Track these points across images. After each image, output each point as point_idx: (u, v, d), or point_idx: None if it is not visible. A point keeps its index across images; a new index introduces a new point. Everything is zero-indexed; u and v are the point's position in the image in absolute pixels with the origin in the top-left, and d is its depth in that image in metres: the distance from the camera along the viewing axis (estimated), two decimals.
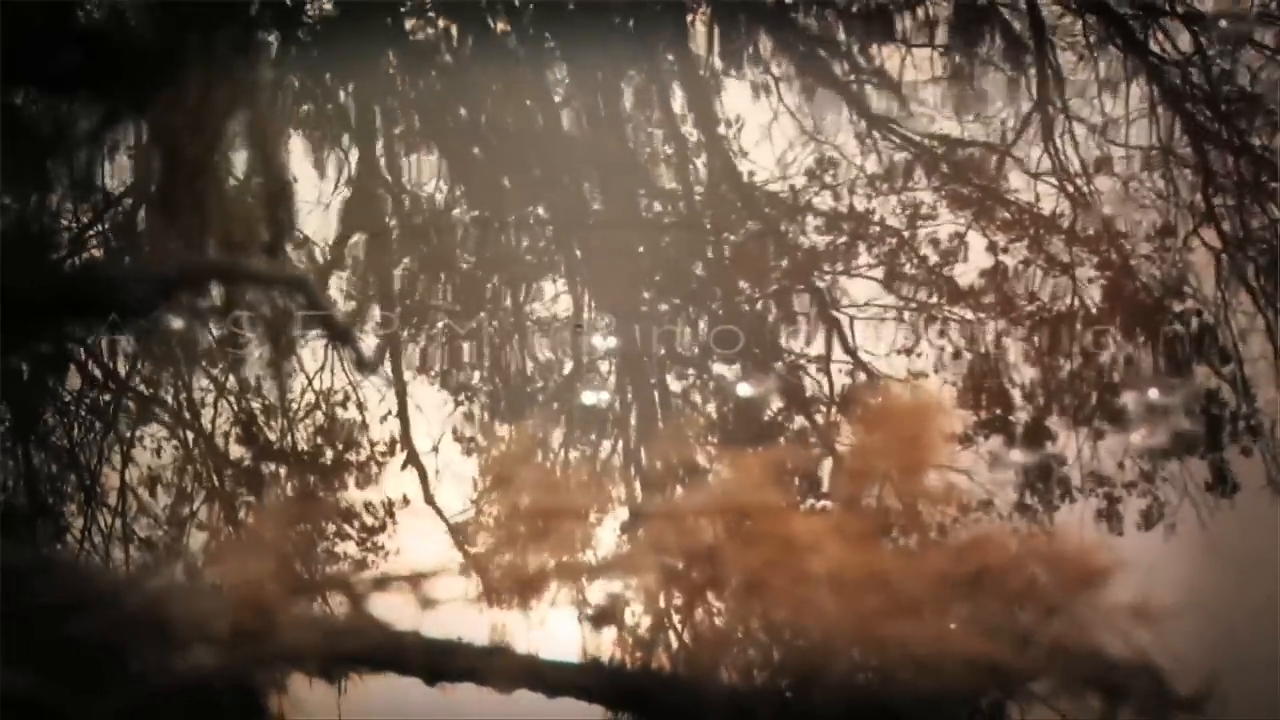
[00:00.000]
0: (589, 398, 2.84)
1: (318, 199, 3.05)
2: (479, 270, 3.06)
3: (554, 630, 2.14)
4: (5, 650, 1.83)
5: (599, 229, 3.13)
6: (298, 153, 3.14)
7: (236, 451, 2.75)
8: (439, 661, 1.95)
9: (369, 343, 2.86)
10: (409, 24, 3.34)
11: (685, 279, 3.02)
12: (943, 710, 2.01)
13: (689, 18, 3.40)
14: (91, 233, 2.94)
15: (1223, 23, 3.28)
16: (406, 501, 2.66)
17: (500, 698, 1.97)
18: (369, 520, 2.66)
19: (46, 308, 2.30)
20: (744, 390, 2.80)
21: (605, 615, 2.15)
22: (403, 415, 2.79)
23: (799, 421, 2.78)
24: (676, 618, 2.18)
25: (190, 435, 2.77)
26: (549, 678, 1.97)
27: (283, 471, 2.72)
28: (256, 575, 2.05)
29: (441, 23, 3.35)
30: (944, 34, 3.40)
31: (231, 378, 2.76)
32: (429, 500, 2.65)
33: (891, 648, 1.93)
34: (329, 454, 2.74)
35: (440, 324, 2.93)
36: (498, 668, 1.94)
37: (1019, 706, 2.06)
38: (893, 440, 2.28)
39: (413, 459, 2.73)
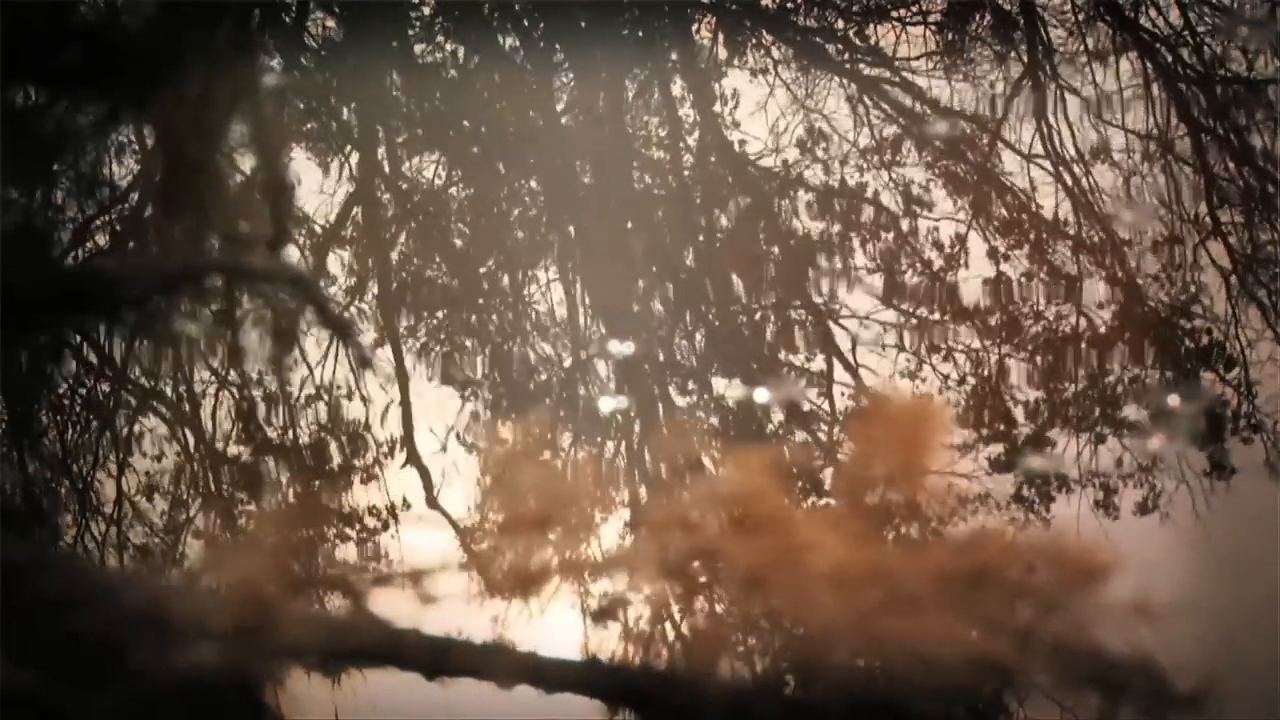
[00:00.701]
0: (587, 396, 2.84)
1: (319, 190, 3.06)
2: (478, 266, 3.07)
3: (554, 627, 2.14)
4: (5, 647, 1.83)
5: (593, 218, 3.13)
6: (298, 153, 3.15)
7: (237, 449, 2.75)
8: (439, 658, 1.95)
9: (368, 338, 2.87)
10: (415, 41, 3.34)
11: (680, 281, 3.02)
12: (944, 707, 2.01)
13: (694, 27, 3.40)
14: (94, 229, 2.94)
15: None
16: (408, 505, 2.67)
17: (500, 695, 1.97)
18: (371, 522, 2.66)
19: (48, 304, 2.30)
20: (742, 395, 2.81)
21: (606, 612, 2.15)
22: (405, 409, 2.79)
23: (801, 423, 2.78)
24: (677, 615, 2.19)
25: (190, 432, 2.77)
26: (549, 674, 1.96)
27: (285, 469, 2.72)
28: (257, 572, 2.05)
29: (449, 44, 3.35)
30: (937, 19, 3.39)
31: (233, 373, 2.76)
32: (431, 504, 2.66)
33: (892, 645, 1.93)
34: (331, 450, 2.75)
35: (440, 316, 2.94)
36: (498, 664, 1.94)
37: (1019, 703, 2.06)
38: (892, 439, 2.28)
39: (413, 459, 2.74)
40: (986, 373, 2.85)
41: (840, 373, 2.89)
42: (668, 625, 2.19)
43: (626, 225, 3.12)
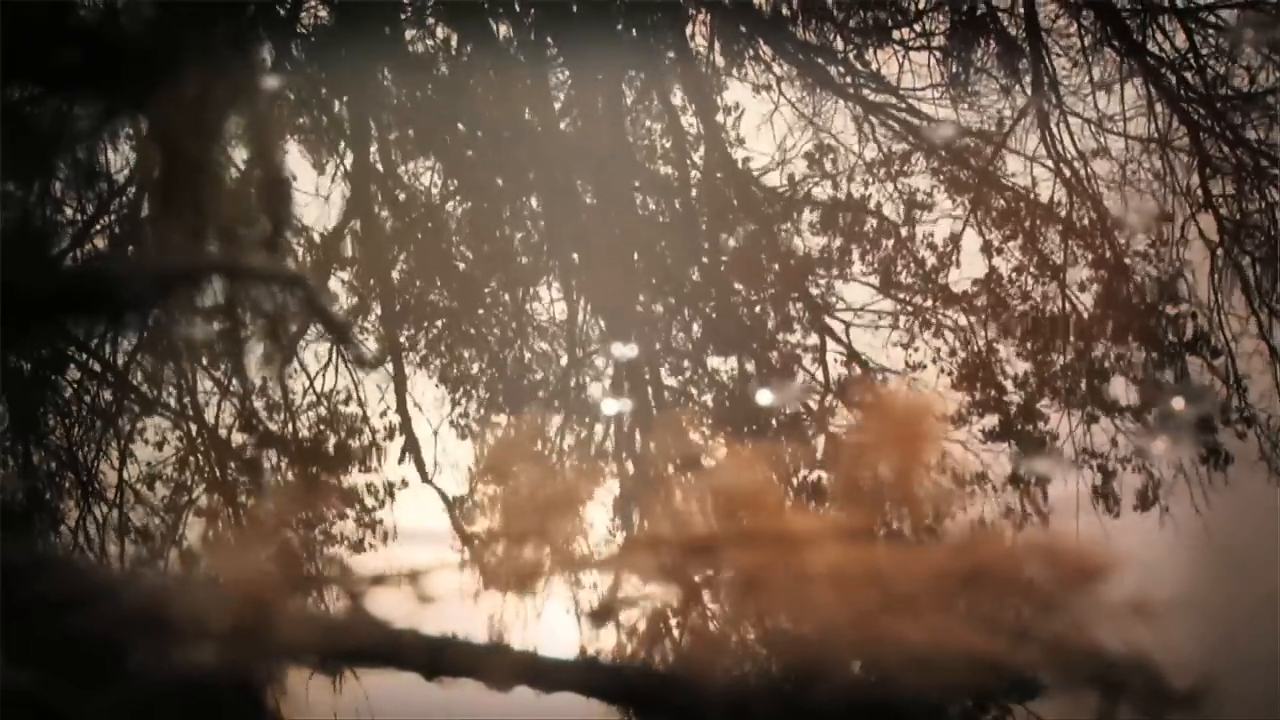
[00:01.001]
0: (586, 396, 2.84)
1: (315, 192, 3.07)
2: (476, 270, 3.07)
3: (553, 627, 2.14)
4: (5, 647, 1.83)
5: (594, 227, 3.13)
6: (295, 152, 3.15)
7: (237, 448, 2.75)
8: (438, 658, 1.95)
9: (368, 339, 2.87)
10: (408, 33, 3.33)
11: (680, 279, 3.02)
12: (943, 707, 2.01)
13: (688, 29, 3.39)
14: (93, 230, 2.94)
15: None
16: (406, 483, 2.67)
17: (499, 695, 1.97)
18: (367, 525, 2.66)
19: (47, 304, 2.30)
20: (742, 388, 2.81)
21: (604, 613, 2.15)
22: (402, 410, 2.80)
23: (797, 414, 2.78)
24: (676, 615, 2.19)
25: (191, 428, 2.78)
26: (548, 675, 1.97)
27: (283, 467, 2.72)
28: (255, 571, 2.05)
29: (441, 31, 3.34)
30: (940, 41, 3.38)
31: (233, 373, 2.76)
32: (426, 479, 2.66)
33: (890, 645, 1.93)
34: (329, 447, 2.75)
35: (439, 320, 2.94)
36: (497, 664, 1.94)
37: (1017, 703, 2.07)
38: (889, 438, 2.28)
39: (411, 445, 2.74)
40: (985, 374, 2.85)
41: (840, 373, 2.89)
42: (667, 626, 2.19)
43: (623, 223, 3.12)
